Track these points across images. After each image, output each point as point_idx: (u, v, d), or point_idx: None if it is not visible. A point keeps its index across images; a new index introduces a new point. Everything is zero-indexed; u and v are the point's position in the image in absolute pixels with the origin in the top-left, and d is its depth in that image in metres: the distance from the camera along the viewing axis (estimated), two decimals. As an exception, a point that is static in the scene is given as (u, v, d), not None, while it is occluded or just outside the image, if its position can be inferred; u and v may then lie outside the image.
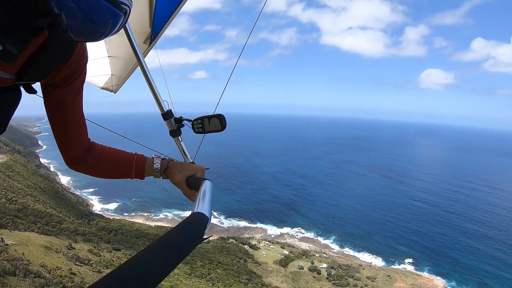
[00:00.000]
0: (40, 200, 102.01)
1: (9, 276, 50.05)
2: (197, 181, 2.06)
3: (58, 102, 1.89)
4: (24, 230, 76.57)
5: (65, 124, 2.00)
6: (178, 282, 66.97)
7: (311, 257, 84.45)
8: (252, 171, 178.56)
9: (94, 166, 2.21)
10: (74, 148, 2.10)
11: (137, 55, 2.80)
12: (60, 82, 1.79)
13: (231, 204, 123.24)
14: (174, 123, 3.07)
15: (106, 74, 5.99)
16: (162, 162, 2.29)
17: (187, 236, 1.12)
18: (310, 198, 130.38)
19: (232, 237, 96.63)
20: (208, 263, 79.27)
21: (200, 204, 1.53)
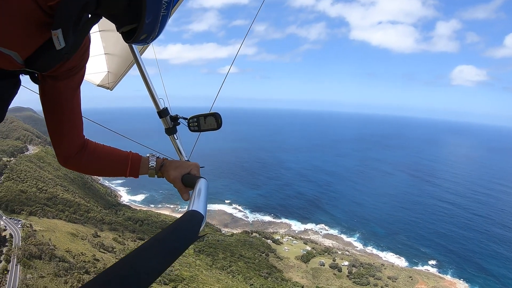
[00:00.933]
0: (69, 190, 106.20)
1: (35, 259, 53.13)
2: (193, 179, 2.09)
3: (56, 96, 1.86)
4: (52, 218, 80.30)
5: (62, 120, 1.97)
6: (198, 272, 68.90)
7: (333, 254, 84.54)
8: (278, 167, 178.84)
9: (88, 164, 2.21)
10: (68, 145, 2.08)
11: (134, 53, 2.82)
12: (62, 74, 1.76)
13: (256, 198, 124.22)
14: (170, 121, 3.08)
15: (103, 72, 5.93)
16: (157, 160, 2.31)
17: (182, 234, 1.11)
18: (335, 195, 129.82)
19: (255, 231, 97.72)
20: (230, 255, 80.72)
21: (196, 202, 1.54)
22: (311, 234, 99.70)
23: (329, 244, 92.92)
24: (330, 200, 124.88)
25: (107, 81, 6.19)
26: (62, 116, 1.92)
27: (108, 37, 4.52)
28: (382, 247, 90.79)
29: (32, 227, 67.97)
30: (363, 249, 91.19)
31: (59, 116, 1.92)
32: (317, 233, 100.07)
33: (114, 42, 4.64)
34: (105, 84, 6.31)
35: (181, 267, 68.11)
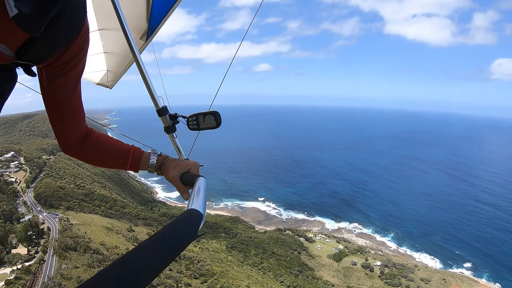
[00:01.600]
0: (106, 187, 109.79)
1: (71, 251, 55.38)
2: (192, 178, 2.09)
3: (56, 88, 1.83)
4: (89, 212, 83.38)
5: (62, 111, 1.96)
6: (229, 268, 69.68)
7: (366, 253, 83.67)
8: (312, 164, 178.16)
9: (90, 154, 2.22)
10: (71, 135, 2.08)
11: (133, 51, 2.84)
12: (61, 66, 1.73)
13: (290, 196, 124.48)
14: (169, 120, 3.05)
15: (102, 70, 5.96)
16: (158, 158, 2.32)
17: (181, 233, 1.11)
18: (369, 194, 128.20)
19: (288, 229, 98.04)
20: (261, 252, 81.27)
21: (195, 201, 1.55)
22: (344, 232, 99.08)
23: (362, 243, 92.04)
24: (364, 199, 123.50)
25: (107, 80, 6.32)
26: (62, 108, 1.93)
27: (107, 36, 4.56)
28: (416, 247, 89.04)
29: (69, 221, 70.94)
30: (397, 249, 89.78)
31: (59, 108, 1.93)
32: (350, 232, 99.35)
33: (113, 41, 4.70)
34: (104, 83, 6.47)
35: (212, 262, 69.18)
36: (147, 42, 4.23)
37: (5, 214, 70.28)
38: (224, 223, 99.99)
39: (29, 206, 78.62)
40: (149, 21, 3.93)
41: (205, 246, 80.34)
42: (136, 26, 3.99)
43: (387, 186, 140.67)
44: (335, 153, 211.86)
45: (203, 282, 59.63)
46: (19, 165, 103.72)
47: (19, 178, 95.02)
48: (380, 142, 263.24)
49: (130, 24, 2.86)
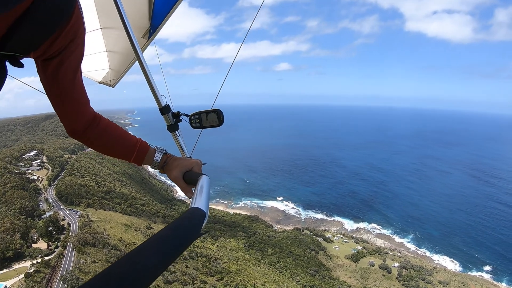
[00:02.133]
0: (127, 185, 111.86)
1: (89, 246, 56.88)
2: (194, 176, 2.10)
3: (54, 77, 1.78)
4: (108, 210, 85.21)
5: (64, 99, 1.93)
6: (246, 266, 70.24)
7: (384, 254, 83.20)
8: (332, 164, 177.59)
9: (96, 141, 2.20)
10: (75, 120, 2.06)
11: (136, 50, 2.82)
12: (55, 54, 1.68)
13: (309, 196, 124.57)
14: (172, 118, 3.04)
15: (104, 69, 5.96)
16: (162, 156, 2.33)
17: (184, 231, 1.13)
18: (389, 194, 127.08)
19: (307, 228, 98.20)
20: (279, 251, 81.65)
21: (198, 199, 1.55)
22: (363, 233, 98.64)
23: (381, 244, 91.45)
24: (384, 200, 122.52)
25: (109, 78, 6.34)
26: (64, 96, 1.90)
27: (109, 35, 4.59)
28: (435, 249, 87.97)
29: (88, 217, 72.74)
30: (416, 251, 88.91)
31: (61, 96, 1.91)
32: (369, 233, 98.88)
33: (116, 39, 4.72)
34: (107, 81, 6.47)
35: (229, 261, 69.84)
36: (149, 40, 4.27)
37: (27, 210, 72.77)
38: (243, 222, 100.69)
39: (50, 203, 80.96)
40: (151, 19, 3.99)
41: (222, 244, 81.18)
42: (138, 25, 4.02)
43: (407, 186, 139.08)
44: (355, 152, 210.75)
45: (219, 280, 60.33)
46: (42, 164, 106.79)
47: (41, 176, 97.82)
48: (400, 142, 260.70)
49: (132, 23, 2.87)
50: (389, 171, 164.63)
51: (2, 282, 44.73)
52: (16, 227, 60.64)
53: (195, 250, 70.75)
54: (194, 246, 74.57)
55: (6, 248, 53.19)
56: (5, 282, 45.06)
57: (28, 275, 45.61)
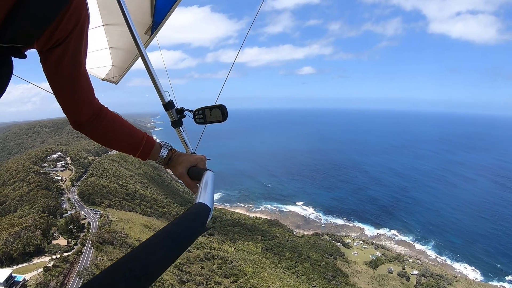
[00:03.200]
0: (148, 187, 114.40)
1: (107, 245, 59.00)
2: (199, 171, 2.10)
3: (58, 65, 1.71)
4: (129, 210, 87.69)
5: (68, 89, 1.85)
6: (262, 270, 71.12)
7: (404, 262, 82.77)
8: (353, 169, 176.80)
9: (102, 134, 2.17)
10: (80, 111, 1.99)
11: (138, 46, 2.85)
12: (60, 41, 1.60)
13: (330, 201, 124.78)
14: (176, 114, 3.08)
15: (107, 66, 5.97)
16: (168, 152, 2.32)
17: (189, 227, 1.12)
18: (411, 201, 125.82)
19: (326, 234, 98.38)
20: (297, 256, 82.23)
21: (202, 194, 1.53)
22: (383, 239, 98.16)
23: (401, 251, 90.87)
24: (405, 206, 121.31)
25: (112, 75, 6.36)
26: (68, 88, 1.86)
27: (112, 31, 4.64)
28: (457, 257, 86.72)
29: (108, 217, 75.23)
30: (436, 258, 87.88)
31: (65, 88, 1.86)
32: (390, 239, 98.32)
33: (119, 36, 4.76)
34: (110, 78, 6.50)
35: (245, 263, 70.79)
36: (152, 36, 4.34)
37: (50, 209, 75.92)
38: (262, 225, 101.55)
39: (72, 203, 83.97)
40: (154, 15, 4.05)
41: (240, 247, 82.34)
42: (140, 21, 4.08)
43: (429, 193, 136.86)
44: (377, 157, 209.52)
45: (233, 282, 61.30)
46: (65, 165, 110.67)
47: (65, 176, 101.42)
48: (424, 146, 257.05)
49: (135, 19, 2.91)
50: (411, 177, 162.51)
51: (21, 275, 47.11)
52: (38, 224, 63.59)
53: (212, 252, 72.14)
54: (211, 248, 76.08)
55: (27, 243, 55.96)
56: (24, 275, 47.47)
57: (46, 269, 47.94)
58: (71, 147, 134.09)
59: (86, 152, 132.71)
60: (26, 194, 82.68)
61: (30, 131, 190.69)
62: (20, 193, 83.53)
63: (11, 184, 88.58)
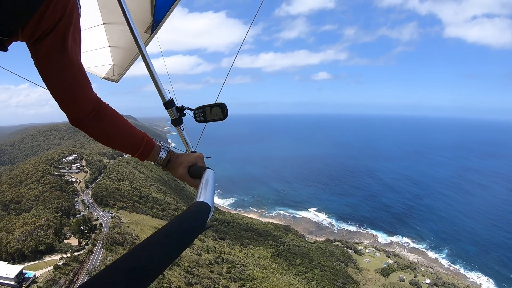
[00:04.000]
0: (162, 191, 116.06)
1: (117, 246, 60.38)
2: (199, 170, 2.09)
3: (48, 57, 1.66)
4: (141, 213, 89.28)
5: (61, 83, 1.79)
6: (271, 275, 71.61)
7: (416, 270, 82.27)
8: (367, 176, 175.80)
9: (101, 132, 2.11)
10: (76, 106, 1.93)
11: (138, 45, 2.86)
12: (46, 32, 1.56)
13: (343, 208, 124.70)
14: (176, 112, 3.09)
15: (107, 64, 5.95)
16: (166, 154, 2.30)
17: (189, 225, 1.13)
18: (425, 209, 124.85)
19: (339, 240, 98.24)
20: (307, 262, 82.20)
21: (203, 193, 1.53)
22: (396, 247, 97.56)
23: (414, 259, 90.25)
24: (419, 214, 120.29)
25: (112, 74, 6.35)
26: (60, 81, 1.78)
27: (112, 30, 4.64)
28: (470, 266, 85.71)
29: (120, 219, 76.89)
30: (449, 267, 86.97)
31: (57, 81, 1.78)
32: (403, 247, 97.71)
33: (119, 35, 4.77)
34: (110, 77, 6.47)
35: (255, 268, 71.36)
36: (152, 35, 4.35)
37: (63, 209, 78.21)
38: (274, 231, 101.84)
39: (86, 204, 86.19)
40: (154, 14, 4.07)
41: (251, 252, 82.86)
42: (140, 20, 4.11)
43: (443, 200, 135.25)
44: (391, 164, 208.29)
45: (241, 286, 61.95)
46: (80, 167, 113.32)
47: (79, 178, 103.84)
48: (439, 153, 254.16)
49: (135, 18, 2.92)
50: (425, 184, 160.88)
51: (32, 272, 48.73)
52: (50, 223, 65.52)
53: (222, 256, 72.95)
54: (221, 252, 76.90)
55: (39, 241, 57.79)
56: (35, 271, 49.08)
57: (56, 267, 49.51)
58: (87, 150, 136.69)
59: (101, 155, 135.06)
60: (40, 195, 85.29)
61: (47, 133, 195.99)
62: (35, 194, 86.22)
63: (26, 185, 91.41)
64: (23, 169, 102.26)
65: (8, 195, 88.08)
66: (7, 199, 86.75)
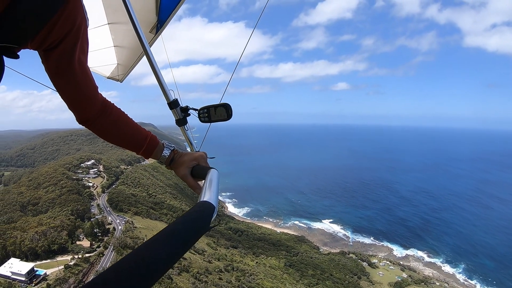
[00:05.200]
0: (177, 198, 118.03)
1: (128, 249, 61.82)
2: (203, 170, 2.09)
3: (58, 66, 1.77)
4: (154, 219, 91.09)
5: (70, 88, 1.92)
6: (281, 285, 71.99)
7: (430, 285, 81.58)
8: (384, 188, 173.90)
9: (106, 131, 2.23)
10: (83, 108, 2.05)
11: (143, 45, 2.87)
12: (55, 44, 1.66)
13: (359, 220, 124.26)
14: (180, 112, 3.13)
15: (112, 64, 6.07)
16: (170, 153, 2.34)
17: (193, 225, 1.14)
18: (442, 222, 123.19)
19: (353, 252, 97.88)
20: (319, 273, 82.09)
21: (207, 193, 1.52)
22: (412, 260, 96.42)
23: (429, 273, 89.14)
24: (436, 227, 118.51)
25: (117, 73, 6.43)
26: (69, 86, 1.91)
27: (117, 30, 4.72)
28: (487, 282, 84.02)
29: (133, 223, 78.60)
30: (465, 282, 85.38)
31: (66, 86, 1.91)
32: (418, 260, 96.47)
33: (123, 35, 4.85)
34: (115, 77, 6.56)
35: (265, 277, 71.82)
36: (156, 35, 4.42)
37: (78, 212, 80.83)
38: (288, 241, 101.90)
39: (101, 208, 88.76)
40: (159, 14, 4.14)
41: (262, 261, 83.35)
42: (145, 20, 4.16)
43: (461, 215, 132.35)
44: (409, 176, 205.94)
45: (249, 295, 62.56)
46: (98, 172, 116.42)
47: (96, 183, 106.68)
48: (460, 165, 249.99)
49: (139, 18, 2.96)
50: (443, 198, 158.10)
51: (43, 270, 50.68)
52: (65, 225, 67.97)
53: (232, 264, 73.75)
54: (232, 260, 77.69)
55: (53, 242, 60.06)
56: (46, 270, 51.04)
57: (67, 266, 51.39)
58: (105, 156, 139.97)
59: (119, 161, 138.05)
60: (57, 198, 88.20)
61: (67, 139, 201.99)
62: (52, 196, 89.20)
63: (45, 187, 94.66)
64: (42, 172, 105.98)
65: (26, 197, 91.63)
66: (25, 200, 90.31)
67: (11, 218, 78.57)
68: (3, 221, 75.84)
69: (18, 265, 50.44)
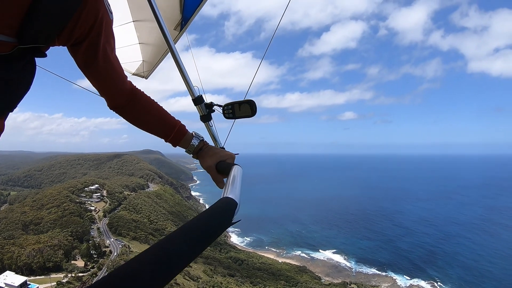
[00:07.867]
0: (179, 225, 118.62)
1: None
2: (227, 166, 2.15)
3: (86, 59, 1.89)
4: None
5: (100, 78, 2.06)
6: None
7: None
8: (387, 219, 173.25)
9: (135, 117, 2.36)
10: (113, 96, 2.21)
11: (168, 42, 2.93)
12: (81, 39, 1.75)
13: (363, 251, 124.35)
14: (205, 109, 3.10)
15: (137, 61, 6.25)
16: (199, 143, 2.44)
17: (216, 220, 1.16)
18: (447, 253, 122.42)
19: (355, 283, 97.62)
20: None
21: (230, 189, 1.56)
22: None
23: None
24: (441, 258, 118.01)
25: (142, 70, 6.58)
26: (98, 77, 2.04)
27: (142, 27, 4.90)
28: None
29: (129, 247, 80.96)
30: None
31: (96, 77, 2.04)
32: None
33: (148, 32, 5.01)
34: (140, 73, 6.71)
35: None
36: (181, 32, 4.52)
37: (78, 234, 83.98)
38: (289, 271, 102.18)
39: (101, 232, 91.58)
40: (183, 11, 4.26)
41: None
42: (170, 17, 4.29)
43: (466, 245, 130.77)
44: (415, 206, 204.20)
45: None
46: (101, 197, 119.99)
47: (98, 207, 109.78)
48: (471, 191, 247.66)
49: (164, 15, 3.03)
50: (449, 227, 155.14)
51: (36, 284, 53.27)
52: (62, 245, 70.69)
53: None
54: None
55: (48, 259, 62.85)
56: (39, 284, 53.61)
57: (59, 283, 53.92)
58: (110, 181, 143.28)
59: (124, 187, 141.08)
60: (59, 219, 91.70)
61: (75, 163, 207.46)
62: (54, 217, 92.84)
63: (47, 208, 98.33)
64: (46, 194, 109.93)
65: (29, 216, 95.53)
66: (28, 219, 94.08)
67: (12, 236, 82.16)
68: (4, 237, 79.52)
69: (12, 278, 53.31)
